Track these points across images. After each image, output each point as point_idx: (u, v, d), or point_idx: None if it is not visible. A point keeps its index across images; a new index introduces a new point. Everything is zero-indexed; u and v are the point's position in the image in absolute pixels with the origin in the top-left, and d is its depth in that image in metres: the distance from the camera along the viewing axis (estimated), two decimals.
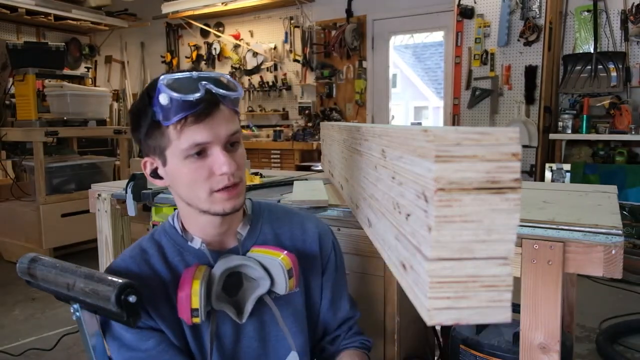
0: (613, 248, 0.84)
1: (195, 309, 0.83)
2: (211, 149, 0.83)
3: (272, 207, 1.05)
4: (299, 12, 5.34)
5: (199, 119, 0.81)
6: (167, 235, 0.95)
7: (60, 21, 5.58)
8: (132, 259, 0.93)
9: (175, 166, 0.85)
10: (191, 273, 0.86)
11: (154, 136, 0.85)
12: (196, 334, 0.92)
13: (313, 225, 1.04)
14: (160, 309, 0.89)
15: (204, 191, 0.85)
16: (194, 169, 0.83)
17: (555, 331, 0.88)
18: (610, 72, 3.64)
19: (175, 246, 0.94)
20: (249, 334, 0.95)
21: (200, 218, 0.90)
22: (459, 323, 0.59)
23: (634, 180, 3.38)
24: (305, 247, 1.01)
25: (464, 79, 4.29)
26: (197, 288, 0.83)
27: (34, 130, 3.64)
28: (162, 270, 0.92)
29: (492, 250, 0.56)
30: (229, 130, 0.84)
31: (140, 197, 1.54)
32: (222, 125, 0.83)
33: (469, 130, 0.53)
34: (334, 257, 1.04)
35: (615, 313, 2.65)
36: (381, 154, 0.81)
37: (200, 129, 0.81)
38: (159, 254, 0.93)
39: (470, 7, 4.18)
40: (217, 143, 0.83)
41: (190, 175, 0.84)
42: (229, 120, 0.85)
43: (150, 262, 0.92)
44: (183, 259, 0.93)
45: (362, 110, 5.12)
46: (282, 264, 0.89)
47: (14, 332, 2.61)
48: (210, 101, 0.82)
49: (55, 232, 3.74)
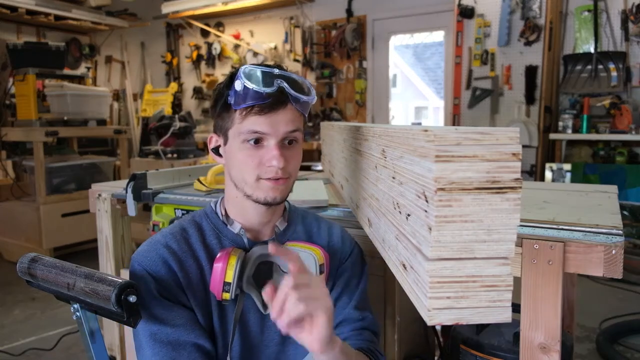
0: (613, 248, 0.84)
1: (227, 282, 0.87)
2: (268, 140, 0.88)
3: (304, 212, 1.09)
4: (299, 12, 5.34)
5: (263, 110, 0.86)
6: (207, 218, 0.99)
7: (61, 21, 5.58)
8: (172, 235, 0.95)
9: (233, 147, 0.90)
10: (228, 250, 0.90)
11: (223, 116, 0.92)
12: (222, 316, 0.93)
13: (338, 230, 1.07)
14: (193, 286, 0.91)
15: (252, 176, 0.89)
16: (248, 154, 0.88)
17: (556, 331, 0.88)
18: (610, 72, 3.64)
19: (214, 230, 0.97)
20: (273, 327, 0.95)
21: (245, 203, 0.94)
22: (459, 323, 0.59)
23: (634, 180, 3.38)
24: (328, 246, 1.03)
25: (464, 79, 4.29)
26: (233, 262, 0.88)
27: (34, 130, 3.64)
28: (199, 249, 0.94)
29: (492, 250, 0.56)
30: (288, 128, 0.88)
31: (141, 197, 1.54)
32: (283, 122, 0.87)
33: (469, 130, 0.53)
34: (351, 263, 1.05)
35: (615, 313, 2.65)
36: (381, 154, 0.81)
37: (261, 119, 0.86)
38: (198, 234, 0.96)
39: (470, 7, 4.18)
40: (274, 136, 0.87)
41: (243, 159, 0.89)
42: (292, 119, 0.89)
43: (190, 241, 0.95)
44: (220, 242, 0.96)
45: (362, 110, 5.12)
46: (315, 258, 0.93)
47: (14, 332, 2.61)
48: (279, 98, 0.86)
49: (55, 232, 3.74)
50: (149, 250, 0.92)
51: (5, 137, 3.84)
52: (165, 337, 0.87)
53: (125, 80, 6.63)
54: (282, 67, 0.91)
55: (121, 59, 6.87)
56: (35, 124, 3.68)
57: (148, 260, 0.90)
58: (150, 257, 0.91)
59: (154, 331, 0.87)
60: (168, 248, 0.92)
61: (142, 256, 0.91)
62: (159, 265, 0.90)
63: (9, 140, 3.93)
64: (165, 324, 0.88)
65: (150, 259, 0.90)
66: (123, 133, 4.23)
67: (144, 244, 0.95)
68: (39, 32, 6.11)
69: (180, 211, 1.55)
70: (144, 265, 0.90)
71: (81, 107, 3.99)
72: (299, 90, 0.89)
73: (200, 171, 1.74)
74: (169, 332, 0.87)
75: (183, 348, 0.87)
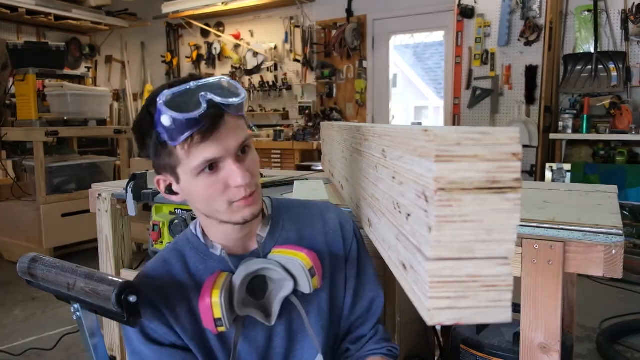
0: (613, 248, 0.84)
1: (218, 318, 0.83)
2: (223, 162, 0.81)
3: (288, 203, 1.04)
4: (299, 12, 5.34)
5: (205, 136, 0.78)
6: (190, 243, 0.95)
7: (61, 21, 5.58)
8: (154, 271, 0.92)
9: (189, 183, 0.83)
10: (211, 282, 0.85)
11: (162, 156, 0.83)
12: (224, 342, 0.91)
13: (333, 216, 1.02)
14: (182, 321, 0.89)
15: (222, 204, 0.83)
16: (209, 184, 0.82)
17: (556, 331, 0.88)
18: (610, 71, 3.64)
19: (199, 254, 0.93)
20: (280, 333, 0.95)
21: (220, 227, 0.90)
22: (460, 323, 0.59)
23: (634, 180, 3.38)
24: (327, 240, 0.99)
25: (464, 78, 4.29)
26: (216, 299, 0.83)
27: (35, 130, 3.64)
28: (185, 280, 0.91)
29: (492, 250, 0.56)
30: (238, 141, 0.82)
31: (141, 197, 1.54)
32: (230, 136, 0.81)
33: (469, 130, 0.53)
34: (356, 245, 1.02)
35: (615, 313, 2.65)
36: (381, 154, 0.81)
37: (208, 145, 0.79)
38: (182, 263, 0.93)
39: (470, 7, 4.18)
40: (228, 156, 0.81)
41: (206, 191, 0.82)
42: (237, 129, 0.82)
43: (173, 273, 0.91)
44: (207, 266, 0.92)
45: (362, 110, 5.12)
46: (302, 264, 0.88)
47: (14, 332, 2.61)
48: (215, 114, 0.78)
49: (55, 232, 3.74)
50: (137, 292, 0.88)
51: (5, 137, 3.84)
52: None
53: (126, 80, 6.63)
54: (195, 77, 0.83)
55: (121, 59, 6.87)
56: (36, 124, 3.69)
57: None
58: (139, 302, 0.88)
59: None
60: (153, 287, 0.89)
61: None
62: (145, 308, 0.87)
63: (9, 140, 3.93)
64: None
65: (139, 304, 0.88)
66: (123, 133, 4.23)
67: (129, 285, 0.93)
68: (39, 32, 6.11)
69: (180, 211, 1.55)
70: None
71: (81, 107, 3.99)
72: (227, 94, 0.81)
73: None
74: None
75: None
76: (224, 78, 0.85)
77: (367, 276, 1.04)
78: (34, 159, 3.67)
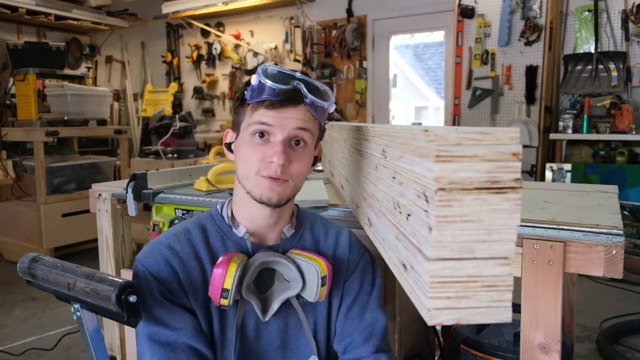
0: (614, 248, 0.84)
1: (226, 289, 0.85)
2: (274, 135, 0.87)
3: (313, 216, 1.07)
4: (300, 12, 5.34)
5: (273, 105, 0.85)
6: (212, 220, 0.97)
7: (61, 21, 5.58)
8: (175, 236, 0.94)
9: (242, 141, 0.90)
10: (229, 256, 0.88)
11: (238, 111, 0.92)
12: (222, 320, 0.93)
13: (346, 237, 1.05)
14: (195, 288, 0.91)
15: (253, 170, 0.88)
16: (252, 148, 0.87)
17: (556, 331, 0.88)
18: (610, 72, 3.64)
19: (219, 232, 0.96)
20: (272, 332, 0.95)
21: (250, 204, 0.92)
22: (460, 323, 0.59)
23: (635, 180, 3.38)
24: (334, 255, 1.01)
25: (465, 79, 4.29)
26: (233, 269, 0.86)
27: (35, 130, 3.64)
28: (202, 251, 0.93)
29: (492, 250, 0.56)
30: (296, 124, 0.86)
31: (141, 197, 1.54)
32: (291, 118, 0.86)
33: (469, 130, 0.53)
34: (360, 272, 1.02)
35: (615, 313, 2.65)
36: (382, 154, 0.81)
37: (270, 113, 0.86)
38: (202, 236, 0.95)
39: (470, 7, 4.18)
40: (280, 132, 0.86)
41: (247, 152, 0.88)
42: (303, 118, 0.87)
43: (192, 242, 0.94)
44: (224, 245, 0.95)
45: (363, 110, 5.13)
46: (318, 270, 0.90)
47: (14, 332, 2.61)
48: (292, 96, 0.86)
49: (55, 232, 3.74)
50: (151, 251, 0.92)
51: (5, 137, 3.84)
52: (164, 338, 0.87)
53: (126, 80, 6.63)
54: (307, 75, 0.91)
55: (121, 59, 6.87)
56: (36, 124, 3.68)
57: (151, 262, 0.90)
58: (153, 258, 0.90)
59: (154, 332, 0.87)
60: (171, 249, 0.91)
61: (144, 257, 0.91)
62: (162, 266, 0.90)
63: (10, 140, 3.93)
64: (165, 326, 0.87)
65: (153, 260, 0.90)
66: (123, 133, 4.23)
67: (147, 245, 0.94)
68: (40, 32, 6.11)
69: (180, 211, 1.55)
70: (147, 266, 0.90)
71: (81, 107, 3.99)
72: (316, 94, 0.88)
73: (200, 171, 1.74)
74: (168, 334, 0.87)
75: (182, 351, 0.87)
76: (326, 88, 0.92)
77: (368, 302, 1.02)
78: (34, 159, 3.67)
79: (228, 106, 6.11)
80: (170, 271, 0.90)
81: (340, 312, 1.01)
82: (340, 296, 1.01)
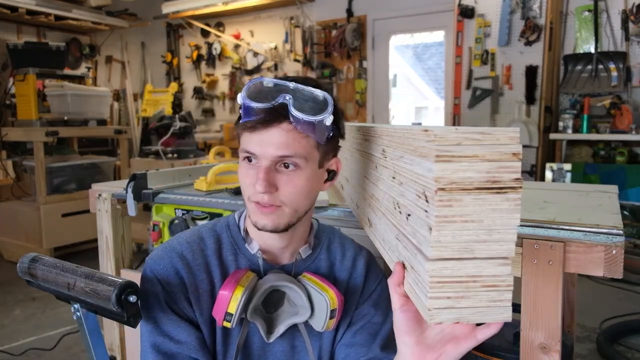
0: (614, 248, 0.84)
1: (229, 313, 0.83)
2: (260, 161, 0.81)
3: (332, 233, 1.01)
4: (300, 12, 5.34)
5: (254, 128, 0.79)
6: (228, 231, 0.94)
7: (61, 21, 5.58)
8: (188, 244, 0.91)
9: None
10: (239, 276, 0.85)
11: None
12: (225, 337, 0.91)
13: (363, 262, 0.99)
14: (202, 301, 0.88)
15: (246, 195, 0.85)
16: (244, 171, 0.84)
17: (556, 331, 0.88)
18: (610, 71, 3.64)
19: (233, 245, 0.93)
20: (277, 354, 0.93)
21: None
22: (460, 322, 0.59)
23: (635, 180, 3.38)
24: (349, 281, 0.97)
25: (465, 78, 4.29)
26: (239, 294, 0.83)
27: (35, 130, 3.64)
28: (213, 263, 0.90)
29: (492, 250, 0.56)
30: (277, 152, 0.79)
31: (141, 197, 1.54)
32: (273, 144, 0.79)
33: (469, 130, 0.53)
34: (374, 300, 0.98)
35: (615, 313, 2.65)
36: (381, 154, 0.81)
37: (251, 138, 0.80)
38: (216, 246, 0.92)
39: (470, 7, 4.18)
40: (264, 159, 0.80)
41: (240, 176, 0.86)
42: (286, 142, 0.79)
43: (205, 253, 0.91)
44: (236, 260, 0.92)
45: (363, 110, 5.13)
46: (328, 303, 0.86)
47: (14, 332, 2.61)
48: (272, 115, 0.78)
49: (55, 232, 3.74)
50: (162, 257, 0.89)
51: (5, 137, 3.84)
52: (168, 350, 0.86)
53: (126, 80, 6.62)
54: (308, 81, 0.82)
55: (121, 59, 6.87)
56: (36, 124, 3.68)
57: (160, 268, 0.88)
58: (163, 265, 0.88)
59: (158, 343, 0.86)
60: (182, 258, 0.89)
61: (155, 262, 0.89)
62: (171, 275, 0.87)
63: (9, 140, 3.93)
64: (169, 339, 0.86)
65: (162, 268, 0.88)
66: (123, 133, 4.23)
67: (159, 249, 0.91)
68: (39, 32, 6.11)
69: (180, 211, 1.55)
70: (156, 272, 0.88)
71: (81, 107, 3.99)
72: (307, 107, 0.78)
73: (200, 171, 1.74)
74: (173, 346, 0.86)
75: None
76: (327, 96, 0.81)
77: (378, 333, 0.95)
78: (34, 159, 3.67)
79: (228, 106, 6.12)
80: (179, 282, 0.88)
81: (345, 337, 0.96)
82: (349, 323, 0.97)
